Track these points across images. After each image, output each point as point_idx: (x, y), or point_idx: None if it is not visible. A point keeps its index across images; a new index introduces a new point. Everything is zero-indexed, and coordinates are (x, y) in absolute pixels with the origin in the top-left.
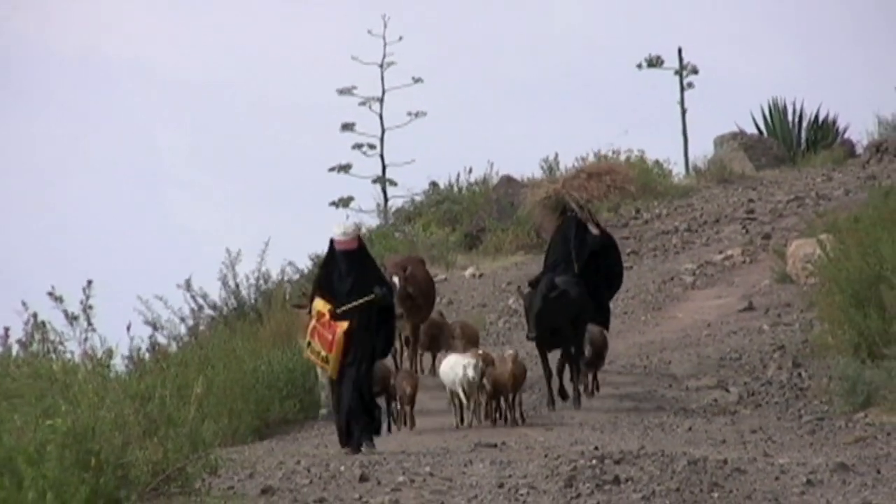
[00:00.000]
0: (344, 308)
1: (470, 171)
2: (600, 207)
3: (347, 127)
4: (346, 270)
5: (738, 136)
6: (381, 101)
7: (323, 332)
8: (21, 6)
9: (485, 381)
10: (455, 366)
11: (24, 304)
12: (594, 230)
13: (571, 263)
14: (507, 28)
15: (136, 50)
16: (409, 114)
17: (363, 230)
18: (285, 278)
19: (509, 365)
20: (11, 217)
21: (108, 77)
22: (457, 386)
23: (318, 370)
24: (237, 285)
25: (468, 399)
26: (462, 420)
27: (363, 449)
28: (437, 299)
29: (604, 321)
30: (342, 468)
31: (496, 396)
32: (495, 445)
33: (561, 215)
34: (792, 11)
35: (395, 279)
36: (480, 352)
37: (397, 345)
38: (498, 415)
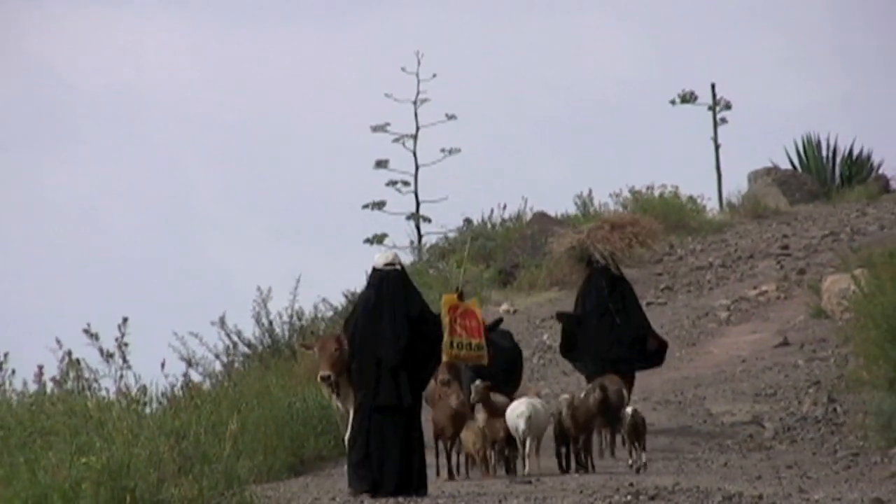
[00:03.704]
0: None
1: (504, 207)
2: (623, 258)
3: (381, 164)
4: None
5: (772, 171)
6: (415, 138)
7: (464, 322)
8: (50, 40)
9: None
10: (514, 411)
11: (58, 341)
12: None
13: (607, 315)
14: (540, 64)
15: (169, 86)
16: (443, 150)
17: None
18: (319, 315)
19: (565, 409)
20: (45, 254)
21: (140, 113)
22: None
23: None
24: (270, 322)
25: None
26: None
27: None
28: None
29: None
30: None
31: (563, 441)
32: (530, 482)
33: (588, 266)
34: (825, 46)
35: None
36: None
37: None
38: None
